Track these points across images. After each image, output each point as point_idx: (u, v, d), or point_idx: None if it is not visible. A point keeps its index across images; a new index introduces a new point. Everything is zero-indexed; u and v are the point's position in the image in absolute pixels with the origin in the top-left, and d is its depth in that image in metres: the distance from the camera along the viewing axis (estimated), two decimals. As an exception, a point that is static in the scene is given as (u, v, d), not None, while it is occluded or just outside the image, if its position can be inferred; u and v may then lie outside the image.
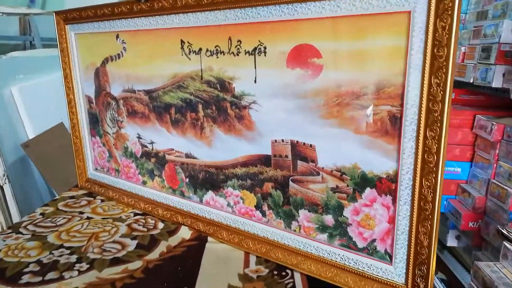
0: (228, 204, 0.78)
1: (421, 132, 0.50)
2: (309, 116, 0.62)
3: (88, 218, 0.91)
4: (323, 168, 0.63)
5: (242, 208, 0.76)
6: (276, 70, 0.63)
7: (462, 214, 0.72)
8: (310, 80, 0.60)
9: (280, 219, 0.70)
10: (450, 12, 0.46)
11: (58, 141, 1.51)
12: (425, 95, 0.49)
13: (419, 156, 0.51)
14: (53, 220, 0.90)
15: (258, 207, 0.73)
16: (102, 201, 1.01)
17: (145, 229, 0.85)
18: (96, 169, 1.07)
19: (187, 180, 0.84)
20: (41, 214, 0.94)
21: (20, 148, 1.44)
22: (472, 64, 0.92)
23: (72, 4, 1.01)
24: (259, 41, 0.64)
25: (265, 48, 0.64)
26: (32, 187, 1.49)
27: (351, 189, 0.60)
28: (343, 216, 0.62)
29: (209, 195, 0.81)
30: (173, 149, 0.85)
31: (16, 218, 1.43)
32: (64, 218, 0.91)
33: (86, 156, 1.07)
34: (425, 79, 0.49)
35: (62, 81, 1.03)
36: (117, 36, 0.88)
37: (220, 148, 0.76)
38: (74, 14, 0.94)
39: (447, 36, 0.46)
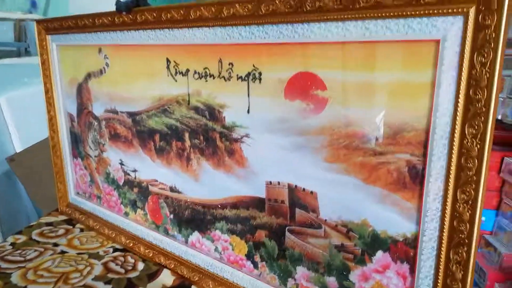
0: (216, 249, 0.67)
1: (450, 192, 0.40)
2: (310, 157, 0.51)
3: (62, 252, 0.81)
4: (325, 220, 0.52)
5: (231, 256, 0.65)
6: (273, 100, 0.53)
7: (487, 273, 0.61)
8: (312, 115, 0.50)
9: (274, 273, 0.60)
10: (492, 45, 0.35)
11: (46, 156, 1.41)
12: (456, 148, 0.39)
13: (447, 223, 0.40)
14: (23, 253, 0.81)
15: (249, 256, 0.63)
16: (81, 230, 0.91)
17: (123, 271, 0.74)
18: (78, 193, 0.98)
19: (171, 216, 0.74)
20: (11, 244, 0.85)
21: (5, 163, 1.36)
22: (501, 99, 0.79)
23: (77, 10, 0.93)
24: (254, 65, 0.54)
25: (260, 74, 0.54)
26: (19, 206, 1.40)
27: (359, 250, 0.50)
28: (349, 280, 0.51)
29: (195, 236, 0.70)
30: (157, 180, 0.75)
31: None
32: (35, 251, 0.82)
33: (67, 178, 0.98)
34: (456, 127, 0.38)
35: (43, 96, 0.94)
36: (100, 50, 0.78)
37: (208, 184, 0.65)
38: (55, 24, 0.85)
39: (487, 75, 0.36)
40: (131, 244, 0.81)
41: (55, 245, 0.84)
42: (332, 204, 0.51)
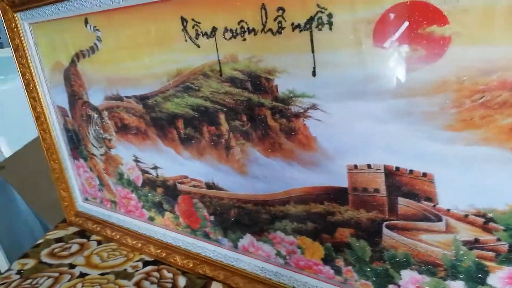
0: (278, 254, 0.53)
1: None
2: (420, 126, 0.36)
3: (81, 275, 0.67)
4: (448, 210, 0.38)
5: (301, 261, 0.51)
6: (354, 52, 0.37)
7: None
8: (424, 65, 0.34)
9: (366, 280, 0.46)
10: None
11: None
12: None
13: None
14: (34, 283, 0.67)
15: (327, 260, 0.49)
16: (99, 243, 0.77)
17: (162, 291, 0.61)
18: (87, 199, 0.83)
19: (212, 218, 0.59)
20: (18, 272, 0.70)
21: (-5, 172, 1.19)
22: None
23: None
24: (318, 5, 0.38)
25: (329, 16, 0.37)
26: (19, 218, 1.25)
27: (506, 246, 0.36)
28: (487, 285, 0.38)
29: (247, 239, 0.56)
30: (187, 177, 0.60)
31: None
32: (48, 277, 0.67)
33: (71, 184, 0.82)
34: None
35: (24, 90, 0.77)
36: (86, 22, 0.60)
37: (260, 176, 0.51)
38: (23, -4, 0.67)
39: None
40: (164, 255, 0.67)
41: (72, 266, 0.70)
42: (460, 188, 0.36)
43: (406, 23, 0.34)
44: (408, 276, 0.43)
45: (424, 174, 0.38)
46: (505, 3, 0.29)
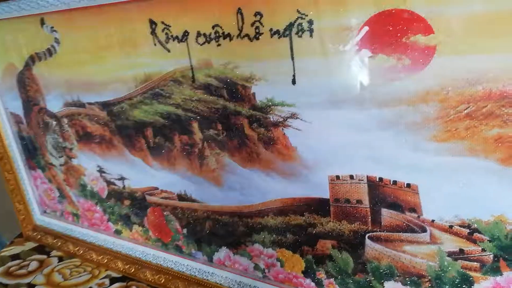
0: (257, 267, 0.51)
1: None
2: (405, 136, 0.35)
3: (42, 295, 0.62)
4: (433, 221, 0.37)
5: (280, 274, 0.50)
6: (336, 59, 0.36)
7: None
8: (407, 75, 0.33)
9: (349, 292, 0.45)
10: None
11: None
12: None
13: None
14: (-11, 307, 0.61)
15: (308, 273, 0.47)
16: (61, 259, 0.72)
17: (131, 310, 0.57)
18: (45, 212, 0.77)
19: (185, 231, 0.56)
20: (-30, 296, 0.64)
21: None
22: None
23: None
24: (299, 11, 0.36)
25: (310, 23, 0.36)
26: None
27: (491, 256, 0.35)
28: (472, 294, 0.38)
29: (223, 252, 0.54)
30: (158, 188, 0.56)
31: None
32: (5, 301, 0.62)
33: (27, 196, 0.76)
34: None
35: (-28, 96, 0.70)
36: (42, 22, 0.56)
37: (237, 187, 0.48)
38: (-32, -7, 0.60)
39: None
40: (133, 270, 0.63)
41: (31, 286, 0.65)
42: (444, 199, 0.36)
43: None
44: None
45: (408, 185, 0.37)
46: (489, 13, 0.29)
